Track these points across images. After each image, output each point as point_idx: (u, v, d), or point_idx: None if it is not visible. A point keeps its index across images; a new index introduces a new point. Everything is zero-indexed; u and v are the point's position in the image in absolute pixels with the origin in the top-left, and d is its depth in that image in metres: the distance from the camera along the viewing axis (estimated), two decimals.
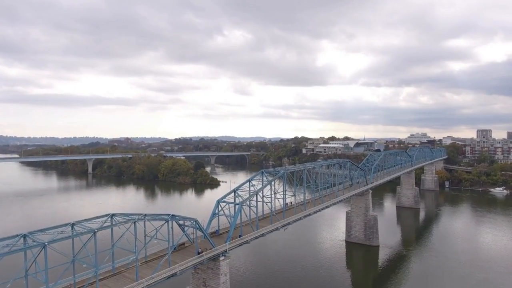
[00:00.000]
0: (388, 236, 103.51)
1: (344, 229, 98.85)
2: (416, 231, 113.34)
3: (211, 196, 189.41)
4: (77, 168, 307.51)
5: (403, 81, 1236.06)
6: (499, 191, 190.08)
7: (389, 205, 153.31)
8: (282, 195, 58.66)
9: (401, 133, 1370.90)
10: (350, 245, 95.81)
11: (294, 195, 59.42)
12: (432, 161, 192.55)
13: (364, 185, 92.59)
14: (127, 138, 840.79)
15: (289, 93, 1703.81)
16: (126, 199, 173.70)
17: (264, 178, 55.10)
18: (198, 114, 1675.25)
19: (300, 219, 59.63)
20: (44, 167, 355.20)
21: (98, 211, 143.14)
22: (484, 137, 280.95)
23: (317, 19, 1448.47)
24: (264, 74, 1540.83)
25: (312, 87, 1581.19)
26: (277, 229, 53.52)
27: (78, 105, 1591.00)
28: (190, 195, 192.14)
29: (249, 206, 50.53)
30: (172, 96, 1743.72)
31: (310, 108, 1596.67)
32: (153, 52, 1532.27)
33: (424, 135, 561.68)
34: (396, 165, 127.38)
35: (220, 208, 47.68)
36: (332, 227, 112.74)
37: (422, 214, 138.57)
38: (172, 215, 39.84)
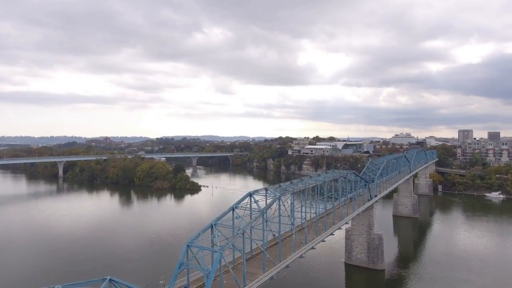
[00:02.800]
0: (393, 255, 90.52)
1: (343, 249, 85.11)
2: (423, 247, 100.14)
3: (191, 203, 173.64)
4: (47, 171, 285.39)
5: (383, 81, 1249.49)
6: (495, 196, 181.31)
7: (385, 214, 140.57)
8: (275, 220, 44.19)
9: (382, 132, 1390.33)
10: (350, 268, 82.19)
11: (292, 223, 44.80)
12: (427, 164, 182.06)
13: (368, 199, 79.11)
14: (106, 138, 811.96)
15: (271, 93, 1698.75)
16: (95, 210, 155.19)
17: (254, 204, 40.72)
18: (179, 113, 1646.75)
19: (301, 256, 45.39)
20: (13, 169, 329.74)
21: (59, 225, 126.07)
22: (475, 138, 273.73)
23: (298, 18, 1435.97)
24: (245, 73, 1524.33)
25: (293, 87, 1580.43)
26: (271, 278, 39.03)
27: (54, 103, 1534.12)
28: (167, 203, 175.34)
29: (233, 247, 36.03)
30: (152, 94, 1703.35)
31: (292, 108, 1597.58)
32: (131, 49, 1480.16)
33: (408, 135, 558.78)
34: (394, 171, 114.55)
35: (191, 254, 32.69)
36: (328, 246, 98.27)
37: (422, 225, 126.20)
38: (110, 280, 24.78)
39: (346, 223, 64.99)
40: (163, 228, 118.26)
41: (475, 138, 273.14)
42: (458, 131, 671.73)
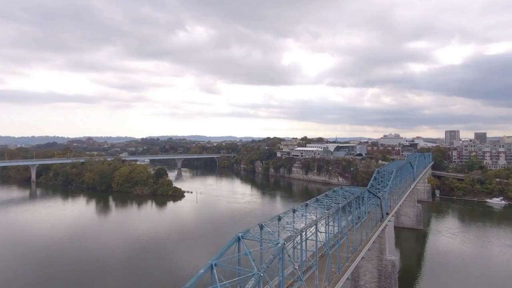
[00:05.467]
0: (406, 280, 77.45)
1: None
2: (439, 268, 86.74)
3: (172, 212, 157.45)
4: (19, 175, 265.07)
5: (367, 81, 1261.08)
6: (497, 202, 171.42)
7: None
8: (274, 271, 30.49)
9: (367, 132, 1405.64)
10: None
11: (301, 278, 30.82)
12: (426, 169, 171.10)
13: (380, 218, 65.87)
14: (89, 138, 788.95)
15: (256, 92, 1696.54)
16: (58, 224, 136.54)
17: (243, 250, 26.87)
18: (164, 112, 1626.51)
19: None
20: None
21: (24, 244, 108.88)
22: (473, 140, 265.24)
23: (282, 17, 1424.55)
24: (230, 72, 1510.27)
25: (278, 87, 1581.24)
26: None
27: (34, 102, 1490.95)
28: (146, 212, 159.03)
29: None
30: (135, 93, 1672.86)
31: (278, 108, 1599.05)
32: (112, 47, 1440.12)
33: (397, 136, 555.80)
34: (402, 179, 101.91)
35: None
36: None
37: (429, 238, 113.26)
38: None
39: (363, 258, 51.52)
40: (133, 251, 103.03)
41: (470, 140, 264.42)
42: (445, 132, 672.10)
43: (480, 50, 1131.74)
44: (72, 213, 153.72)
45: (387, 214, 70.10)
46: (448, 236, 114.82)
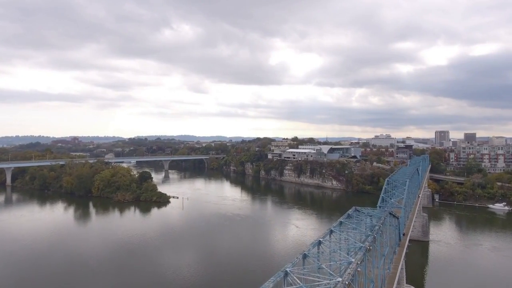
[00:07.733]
0: None
1: None
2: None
3: (155, 221, 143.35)
4: None
5: (355, 82, 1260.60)
6: (500, 208, 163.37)
7: None
8: None
9: (356, 132, 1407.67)
10: None
11: None
12: (427, 173, 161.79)
13: (397, 241, 54.89)
14: (75, 138, 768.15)
15: (244, 92, 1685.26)
16: (27, 237, 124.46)
17: None
18: (152, 112, 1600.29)
19: None
20: None
21: None
22: (469, 141, 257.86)
23: (268, 15, 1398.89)
24: (217, 72, 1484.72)
25: (267, 86, 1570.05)
26: None
27: (17, 101, 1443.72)
28: (123, 224, 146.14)
29: None
30: (121, 92, 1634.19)
31: (266, 107, 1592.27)
32: (95, 45, 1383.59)
33: (388, 136, 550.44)
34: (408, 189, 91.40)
35: None
36: None
37: (438, 252, 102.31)
38: None
39: None
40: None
41: (468, 142, 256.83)
42: (435, 132, 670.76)
43: (465, 51, 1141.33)
44: (44, 223, 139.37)
45: (403, 234, 59.37)
46: (461, 249, 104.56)
